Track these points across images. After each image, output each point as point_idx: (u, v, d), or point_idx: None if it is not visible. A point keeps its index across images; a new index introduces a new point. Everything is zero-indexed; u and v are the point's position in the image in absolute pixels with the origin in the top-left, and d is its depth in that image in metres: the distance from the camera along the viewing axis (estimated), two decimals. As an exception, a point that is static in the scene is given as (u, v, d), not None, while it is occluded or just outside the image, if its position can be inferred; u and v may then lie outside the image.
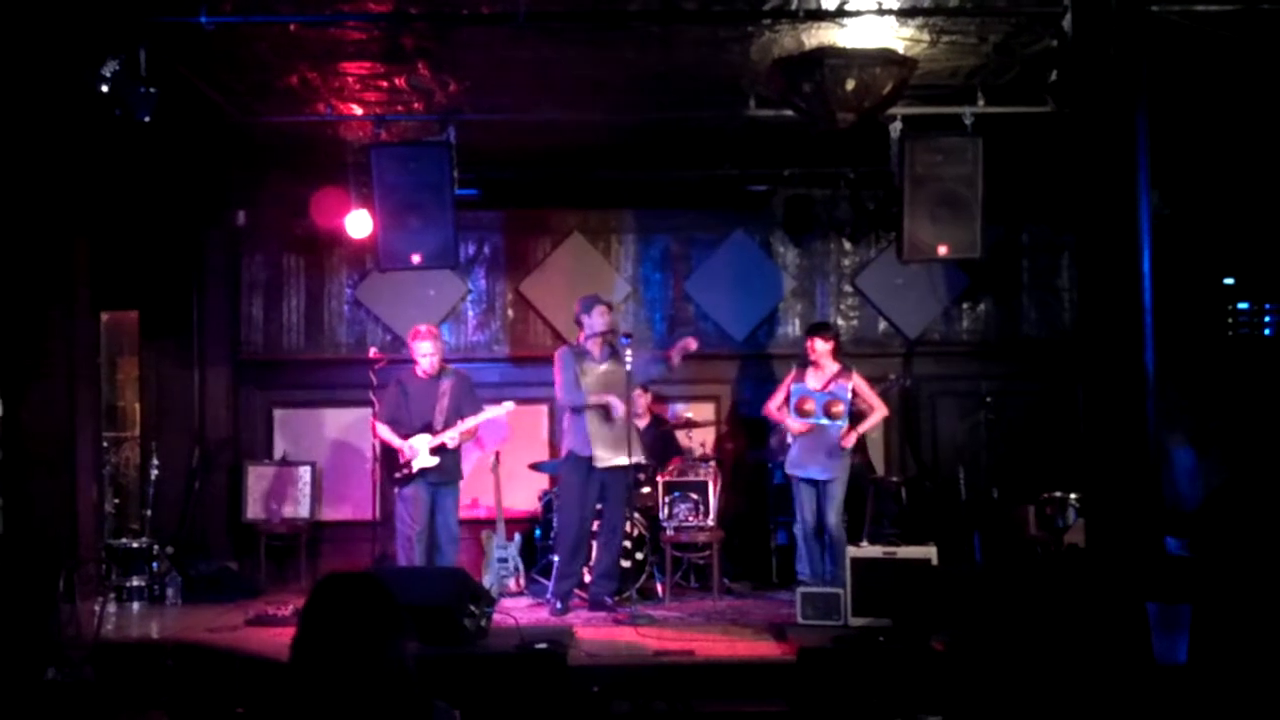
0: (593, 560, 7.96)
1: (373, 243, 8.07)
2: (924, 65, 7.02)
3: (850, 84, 6.62)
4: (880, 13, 6.33)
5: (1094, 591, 5.43)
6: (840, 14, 6.35)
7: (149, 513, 8.81)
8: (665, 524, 8.14)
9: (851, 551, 7.24)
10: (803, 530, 8.03)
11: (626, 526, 8.16)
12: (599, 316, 7.76)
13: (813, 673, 5.55)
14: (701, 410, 9.67)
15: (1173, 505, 7.63)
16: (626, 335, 7.86)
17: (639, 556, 8.28)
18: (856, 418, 7.99)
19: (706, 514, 8.13)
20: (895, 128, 7.54)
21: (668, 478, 8.34)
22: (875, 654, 6.05)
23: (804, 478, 7.95)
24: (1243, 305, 9.50)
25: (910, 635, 6.43)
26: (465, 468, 8.18)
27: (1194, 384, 8.75)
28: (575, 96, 7.69)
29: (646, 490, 8.57)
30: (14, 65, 6.62)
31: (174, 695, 6.28)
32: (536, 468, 9.16)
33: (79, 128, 6.94)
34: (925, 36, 6.72)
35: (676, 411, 9.54)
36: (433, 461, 7.71)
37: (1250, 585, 4.85)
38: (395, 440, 7.74)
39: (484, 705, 5.31)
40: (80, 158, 7.50)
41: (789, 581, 8.44)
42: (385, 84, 7.46)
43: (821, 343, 7.96)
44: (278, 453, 9.75)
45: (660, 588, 8.29)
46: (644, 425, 8.83)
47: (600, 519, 7.91)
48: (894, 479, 9.35)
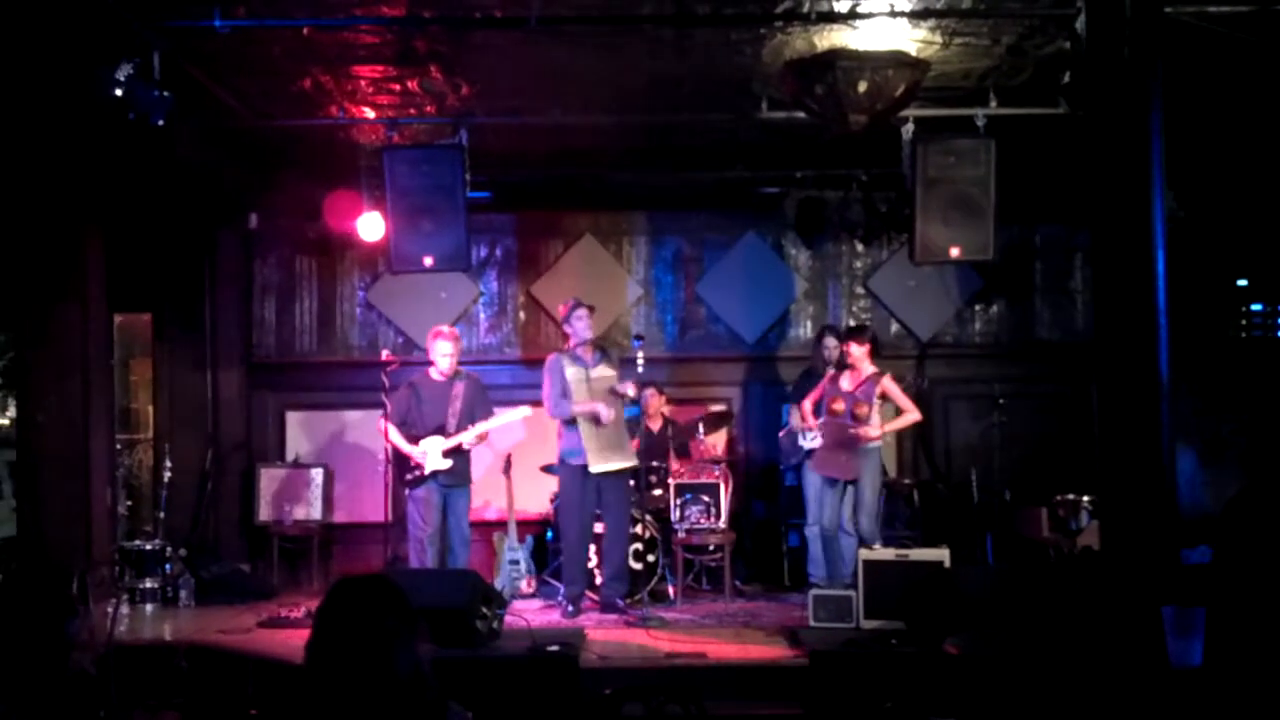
0: (601, 563, 7.96)
1: (385, 245, 8.09)
2: (936, 67, 7.01)
3: (862, 86, 6.61)
4: (893, 15, 6.32)
5: (1108, 594, 5.41)
6: (852, 16, 6.34)
7: (162, 515, 8.82)
8: (677, 526, 8.13)
9: (864, 554, 7.22)
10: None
11: (638, 529, 8.17)
12: (579, 321, 7.76)
13: (825, 675, 5.53)
14: (712, 411, 9.62)
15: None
16: (639, 337, 7.88)
17: (650, 559, 8.27)
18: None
19: (718, 516, 8.12)
20: (908, 130, 7.53)
21: (679, 479, 8.34)
22: (888, 657, 6.04)
23: (827, 476, 7.95)
24: (1256, 307, 9.47)
25: (923, 638, 6.42)
26: (477, 471, 8.18)
27: (1206, 386, 8.72)
28: (587, 99, 7.69)
29: (658, 492, 8.56)
30: (28, 69, 6.65)
31: (187, 697, 6.30)
32: (548, 470, 9.15)
33: (92, 129, 6.95)
34: (938, 38, 6.71)
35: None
36: (445, 464, 7.73)
37: (1272, 590, 4.82)
38: (404, 445, 7.75)
39: (496, 707, 5.31)
40: (93, 159, 7.51)
41: (801, 584, 8.44)
42: (398, 87, 7.47)
43: (856, 346, 7.95)
44: (290, 455, 9.78)
45: (672, 590, 8.28)
46: (657, 427, 8.84)
47: (603, 522, 7.91)
48: (906, 481, 9.36)
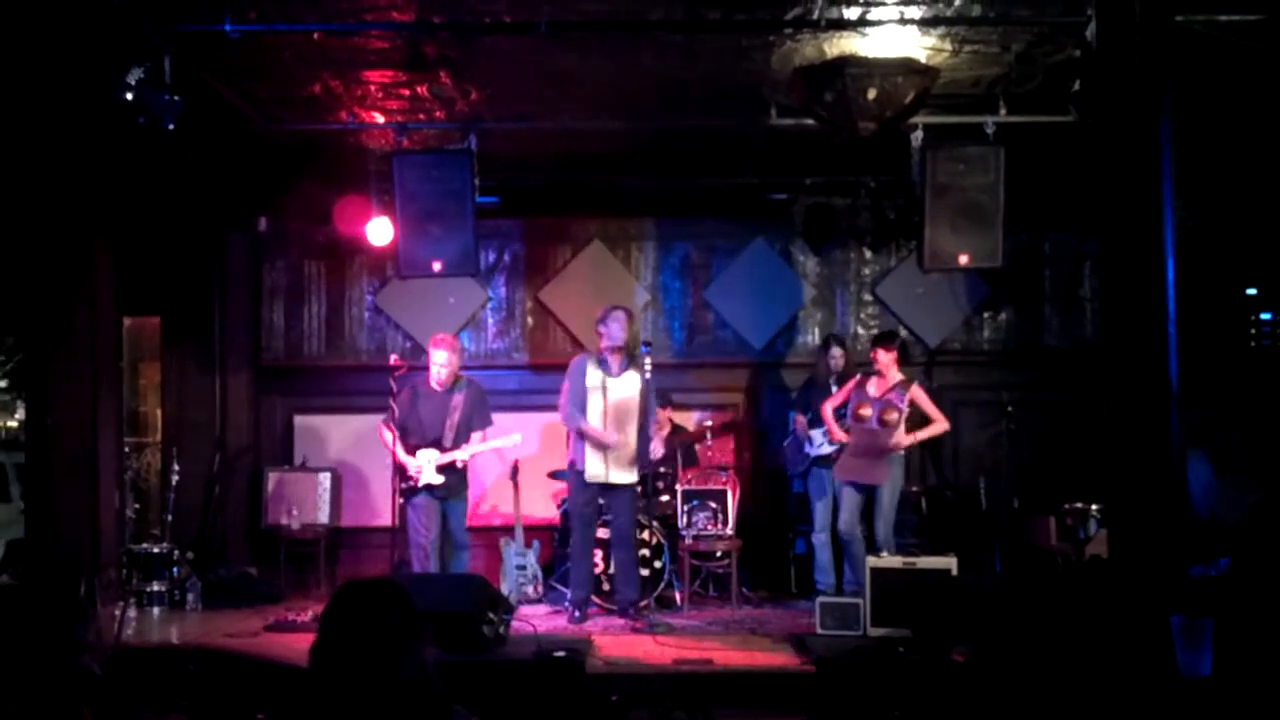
0: (609, 569, 7.98)
1: (394, 250, 8.10)
2: (946, 74, 7.01)
3: (872, 93, 6.62)
4: (902, 22, 6.33)
5: (1117, 603, 5.39)
6: (862, 23, 6.34)
7: (169, 518, 8.84)
8: (684, 532, 8.12)
9: (871, 561, 7.22)
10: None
11: (645, 535, 8.17)
12: (614, 323, 7.74)
13: (832, 683, 5.52)
14: (720, 417, 9.63)
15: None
16: (646, 343, 7.87)
17: (657, 565, 8.27)
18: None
19: (725, 522, 8.11)
20: (917, 137, 7.54)
21: (686, 486, 8.33)
22: (895, 665, 6.02)
23: (850, 481, 7.93)
24: (1265, 316, 9.44)
25: (930, 646, 6.41)
26: (487, 476, 8.18)
27: (1215, 395, 8.69)
28: (596, 105, 7.70)
29: (665, 499, 8.55)
30: (40, 73, 6.67)
31: (194, 700, 6.29)
32: (556, 476, 9.15)
33: (102, 133, 6.97)
34: (947, 46, 6.72)
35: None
36: (439, 479, 7.74)
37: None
38: (401, 454, 7.75)
39: (502, 713, 5.30)
40: (103, 163, 7.53)
41: (807, 591, 8.43)
42: (407, 92, 7.49)
43: (884, 353, 7.97)
44: (298, 459, 9.77)
45: (679, 596, 8.27)
46: (665, 434, 8.83)
47: (608, 529, 7.93)
48: (914, 489, 9.31)
